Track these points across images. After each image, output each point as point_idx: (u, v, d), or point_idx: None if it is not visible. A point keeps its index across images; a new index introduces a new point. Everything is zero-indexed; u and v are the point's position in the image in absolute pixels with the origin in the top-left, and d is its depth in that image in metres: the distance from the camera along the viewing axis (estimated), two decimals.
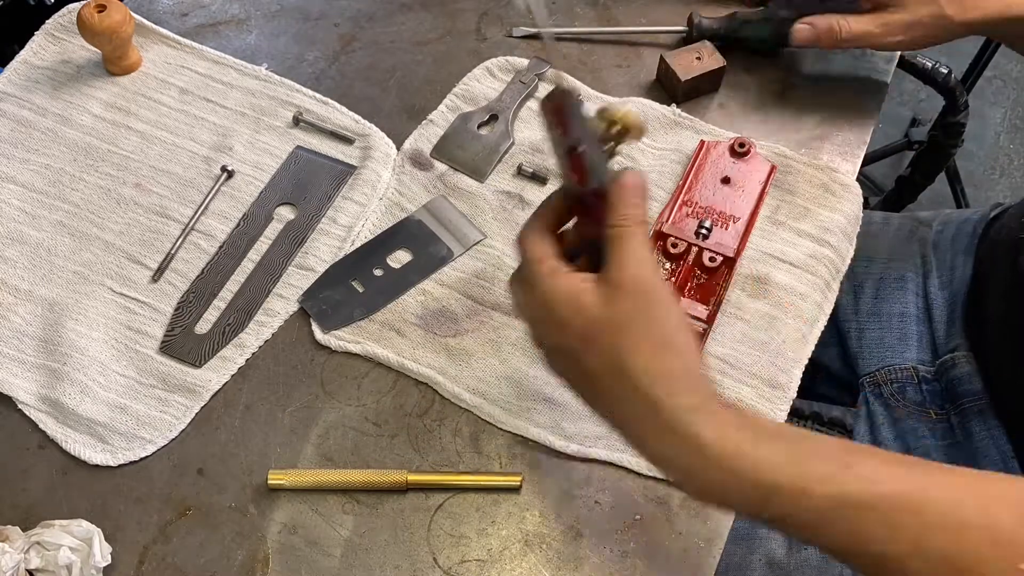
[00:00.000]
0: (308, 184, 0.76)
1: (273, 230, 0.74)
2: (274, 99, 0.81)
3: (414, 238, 0.73)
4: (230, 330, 0.68)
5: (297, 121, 0.79)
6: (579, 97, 0.53)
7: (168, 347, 0.68)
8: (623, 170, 0.51)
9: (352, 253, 0.73)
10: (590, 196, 0.52)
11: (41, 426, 0.64)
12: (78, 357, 0.66)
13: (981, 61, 1.57)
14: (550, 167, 0.77)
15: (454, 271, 0.72)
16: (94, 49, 0.81)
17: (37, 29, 0.85)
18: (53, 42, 0.84)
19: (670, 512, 0.62)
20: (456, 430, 0.65)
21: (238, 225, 0.74)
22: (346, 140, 0.79)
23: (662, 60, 0.81)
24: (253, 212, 0.75)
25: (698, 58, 0.80)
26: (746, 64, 0.84)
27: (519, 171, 0.77)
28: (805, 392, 0.69)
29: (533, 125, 0.80)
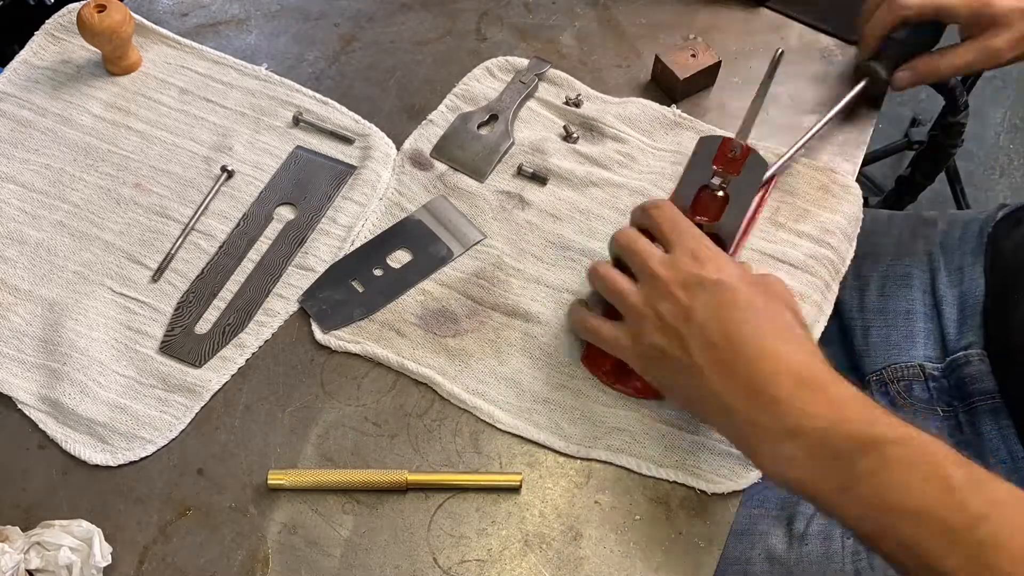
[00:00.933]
0: (308, 184, 0.76)
1: (273, 230, 0.74)
2: (274, 99, 0.81)
3: (414, 238, 0.73)
4: (230, 330, 0.68)
5: (297, 121, 0.79)
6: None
7: (168, 347, 0.68)
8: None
9: (352, 253, 0.73)
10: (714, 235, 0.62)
11: (41, 426, 0.64)
12: (78, 357, 0.66)
13: None
14: (550, 167, 0.77)
15: (454, 271, 0.72)
16: (94, 49, 0.81)
17: (37, 29, 0.85)
18: (53, 42, 0.84)
19: (670, 512, 0.62)
20: (456, 430, 0.65)
21: (238, 225, 0.74)
22: (346, 140, 0.79)
23: (658, 60, 0.81)
24: (253, 212, 0.75)
25: (693, 55, 0.80)
26: (744, 63, 0.84)
27: (519, 171, 0.77)
28: None
29: (533, 125, 0.80)
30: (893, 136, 1.77)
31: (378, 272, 0.71)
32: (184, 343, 0.68)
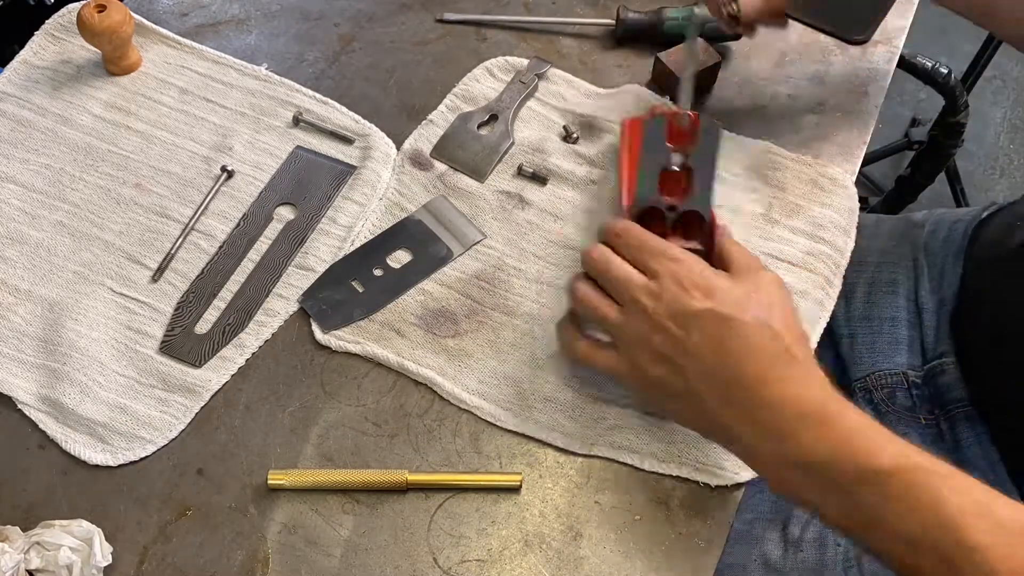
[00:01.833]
0: (308, 184, 0.76)
1: (273, 230, 0.74)
2: (274, 99, 0.81)
3: (414, 238, 0.73)
4: (230, 330, 0.68)
5: (297, 121, 0.79)
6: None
7: (168, 347, 0.68)
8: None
9: (352, 253, 0.73)
10: (688, 215, 0.61)
11: (41, 426, 0.64)
12: (78, 357, 0.66)
13: (981, 61, 1.57)
14: (550, 167, 0.77)
15: (454, 271, 0.72)
16: (94, 49, 0.81)
17: (37, 29, 0.85)
18: (53, 42, 0.84)
19: (670, 512, 0.62)
20: (456, 430, 0.65)
21: (238, 225, 0.74)
22: (346, 140, 0.79)
23: (658, 60, 0.81)
24: (253, 212, 0.75)
25: None
26: (744, 63, 0.84)
27: (519, 171, 0.77)
28: None
29: (533, 125, 0.80)
30: (893, 136, 1.77)
31: (378, 272, 0.71)
32: (184, 343, 0.68)
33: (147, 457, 0.64)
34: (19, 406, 0.65)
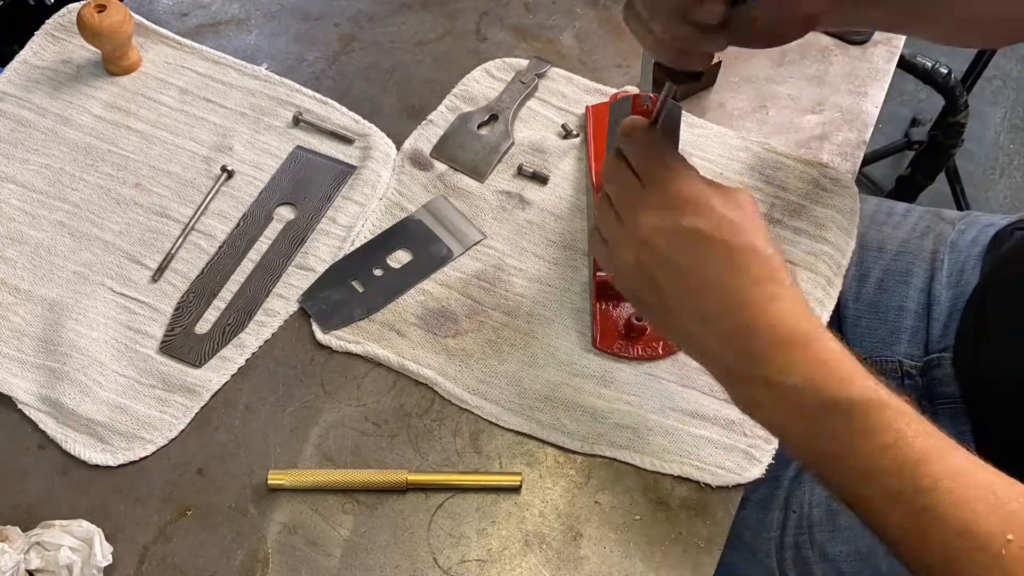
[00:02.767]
0: (308, 184, 0.76)
1: (273, 230, 0.74)
2: (274, 99, 0.81)
3: (414, 238, 0.73)
4: (230, 330, 0.68)
5: (297, 121, 0.79)
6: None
7: (168, 347, 0.68)
8: None
9: (352, 253, 0.73)
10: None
11: (41, 426, 0.64)
12: (78, 357, 0.66)
13: (981, 61, 1.57)
14: (550, 167, 0.77)
15: (454, 271, 0.72)
16: (94, 49, 0.81)
17: (37, 29, 0.85)
18: (53, 42, 0.84)
19: (670, 512, 0.62)
20: (456, 430, 0.65)
21: (238, 225, 0.74)
22: (346, 140, 0.79)
23: (657, 63, 0.81)
24: (253, 212, 0.75)
25: None
26: (744, 63, 0.84)
27: (519, 171, 0.77)
28: None
29: (533, 125, 0.80)
30: (893, 136, 1.77)
31: (378, 272, 0.71)
32: (184, 343, 0.68)
33: (147, 457, 0.64)
34: (19, 406, 0.65)
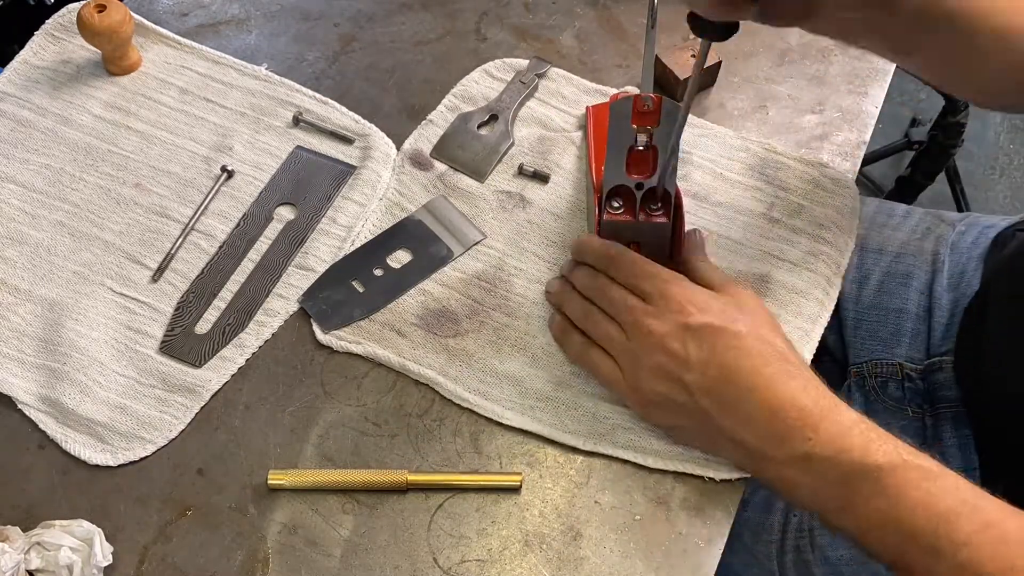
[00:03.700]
0: (308, 184, 0.76)
1: (273, 230, 0.74)
2: (274, 99, 0.81)
3: (414, 238, 0.73)
4: (230, 330, 0.68)
5: (297, 121, 0.79)
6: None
7: (168, 347, 0.68)
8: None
9: (352, 253, 0.73)
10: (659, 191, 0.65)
11: (41, 426, 0.64)
12: (78, 357, 0.66)
13: None
14: (551, 166, 0.77)
15: (454, 271, 0.72)
16: (94, 49, 0.81)
17: (37, 29, 0.85)
18: (53, 42, 0.84)
19: (670, 512, 0.62)
20: (456, 430, 0.65)
21: (238, 225, 0.74)
22: (346, 140, 0.79)
23: (658, 60, 0.81)
24: (253, 212, 0.75)
25: (693, 55, 0.81)
26: (745, 63, 0.84)
27: (520, 170, 0.77)
28: None
29: (533, 125, 0.80)
30: (893, 136, 1.77)
31: (378, 272, 0.71)
32: (184, 343, 0.68)
33: (147, 457, 0.64)
34: (19, 406, 0.65)
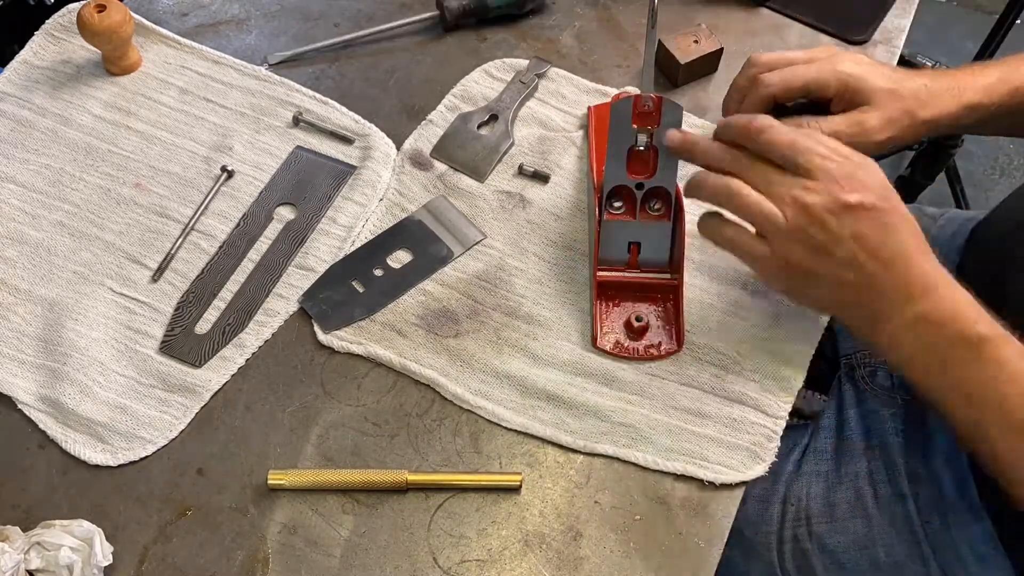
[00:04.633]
0: (308, 184, 0.76)
1: (273, 230, 0.74)
2: (274, 99, 0.81)
3: (414, 238, 0.73)
4: (230, 330, 0.68)
5: (297, 121, 0.79)
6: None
7: (168, 347, 0.68)
8: None
9: (352, 253, 0.73)
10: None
11: (41, 426, 0.64)
12: (78, 357, 0.66)
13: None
14: (551, 166, 0.77)
15: (454, 271, 0.72)
16: (94, 49, 0.81)
17: (37, 29, 0.85)
18: (53, 42, 0.84)
19: (670, 512, 0.62)
20: (456, 430, 0.65)
21: (238, 225, 0.74)
22: (346, 140, 0.79)
23: (661, 44, 0.81)
24: (253, 212, 0.75)
25: (695, 41, 0.81)
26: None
27: (520, 170, 0.77)
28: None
29: (533, 125, 0.80)
30: None
31: (378, 272, 0.71)
32: (184, 343, 0.68)
33: (147, 457, 0.64)
34: (19, 406, 0.65)
